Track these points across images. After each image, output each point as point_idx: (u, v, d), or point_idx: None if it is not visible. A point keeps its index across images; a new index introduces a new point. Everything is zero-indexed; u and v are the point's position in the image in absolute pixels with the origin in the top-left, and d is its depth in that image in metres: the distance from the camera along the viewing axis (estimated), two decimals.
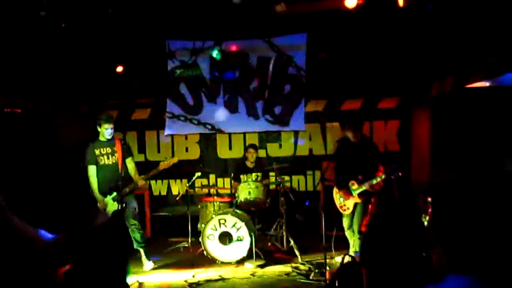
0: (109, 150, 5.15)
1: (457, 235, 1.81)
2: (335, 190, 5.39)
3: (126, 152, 5.27)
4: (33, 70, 5.77)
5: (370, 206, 4.99)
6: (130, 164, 5.25)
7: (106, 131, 5.12)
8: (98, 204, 5.05)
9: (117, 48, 6.11)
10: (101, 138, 5.19)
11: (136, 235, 5.18)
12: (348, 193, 5.15)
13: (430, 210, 4.89)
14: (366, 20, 5.35)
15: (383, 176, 4.85)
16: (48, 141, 6.31)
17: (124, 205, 4.99)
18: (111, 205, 4.97)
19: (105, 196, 5.04)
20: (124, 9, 5.17)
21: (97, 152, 5.16)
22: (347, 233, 5.34)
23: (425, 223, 4.66)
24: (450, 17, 4.83)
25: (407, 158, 6.67)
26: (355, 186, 5.07)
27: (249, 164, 6.32)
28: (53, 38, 5.42)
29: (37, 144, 6.02)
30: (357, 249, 5.05)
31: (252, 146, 6.43)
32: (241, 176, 6.25)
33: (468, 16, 4.65)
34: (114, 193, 5.01)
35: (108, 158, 5.15)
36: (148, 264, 5.27)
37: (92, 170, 5.15)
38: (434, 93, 6.28)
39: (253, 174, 6.23)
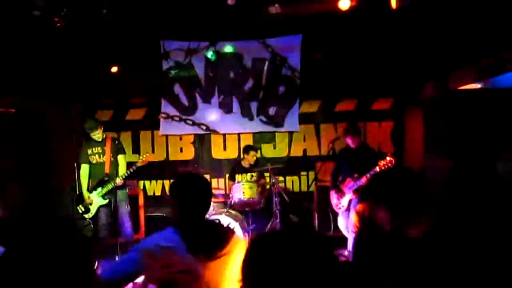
0: (100, 149, 5.42)
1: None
2: (331, 190, 5.47)
3: (117, 151, 5.50)
4: (28, 69, 5.75)
5: (361, 205, 5.01)
6: (121, 162, 5.49)
7: (95, 136, 5.40)
8: (85, 200, 5.37)
9: (111, 48, 6.10)
10: (94, 138, 5.43)
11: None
12: (342, 192, 5.24)
13: None
14: (360, 22, 5.38)
15: (377, 169, 4.87)
16: (41, 140, 6.30)
17: (109, 201, 5.34)
18: (97, 201, 5.36)
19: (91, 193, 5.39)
20: (119, 9, 5.17)
21: (89, 151, 5.44)
22: (345, 233, 5.39)
23: None
24: (443, 18, 4.87)
25: (400, 159, 6.71)
26: (351, 183, 5.13)
27: (245, 164, 6.32)
28: (48, 37, 5.41)
29: (30, 143, 6.01)
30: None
31: (253, 148, 6.38)
32: (237, 176, 6.26)
33: (460, 17, 4.69)
34: (99, 189, 5.34)
35: (99, 157, 5.43)
36: None
37: (83, 168, 5.45)
38: (427, 95, 6.33)
39: (248, 174, 6.24)
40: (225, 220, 5.41)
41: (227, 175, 6.72)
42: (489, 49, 4.84)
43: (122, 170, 5.42)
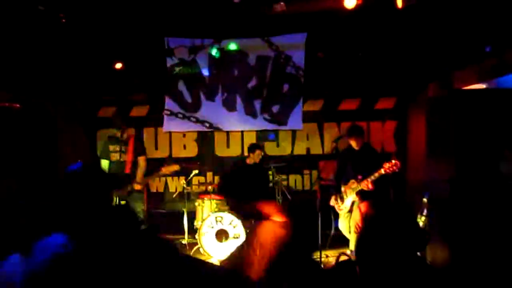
0: (122, 147, 5.16)
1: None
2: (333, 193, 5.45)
3: (139, 150, 5.31)
4: (31, 65, 5.77)
5: (365, 205, 5.01)
6: (141, 163, 5.29)
7: (117, 134, 5.24)
8: None
9: (115, 44, 6.12)
10: (116, 134, 5.25)
11: None
12: (344, 194, 5.22)
13: (425, 210, 4.91)
14: (365, 21, 5.38)
15: (382, 171, 4.86)
16: (47, 136, 6.31)
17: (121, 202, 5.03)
18: (113, 202, 5.09)
19: None
20: (124, 5, 5.19)
21: (111, 147, 5.24)
22: (345, 234, 5.37)
23: (421, 223, 4.70)
24: (447, 18, 4.87)
25: (403, 158, 6.71)
26: (355, 185, 5.10)
27: (250, 162, 6.29)
28: (52, 33, 5.43)
29: (36, 139, 6.02)
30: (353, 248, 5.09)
31: (258, 147, 6.32)
32: None
33: (465, 17, 4.69)
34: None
35: (119, 156, 5.16)
36: None
37: (103, 164, 5.24)
38: (430, 94, 6.32)
39: None
40: (228, 217, 5.44)
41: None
42: (493, 49, 4.83)
43: (141, 171, 5.25)
